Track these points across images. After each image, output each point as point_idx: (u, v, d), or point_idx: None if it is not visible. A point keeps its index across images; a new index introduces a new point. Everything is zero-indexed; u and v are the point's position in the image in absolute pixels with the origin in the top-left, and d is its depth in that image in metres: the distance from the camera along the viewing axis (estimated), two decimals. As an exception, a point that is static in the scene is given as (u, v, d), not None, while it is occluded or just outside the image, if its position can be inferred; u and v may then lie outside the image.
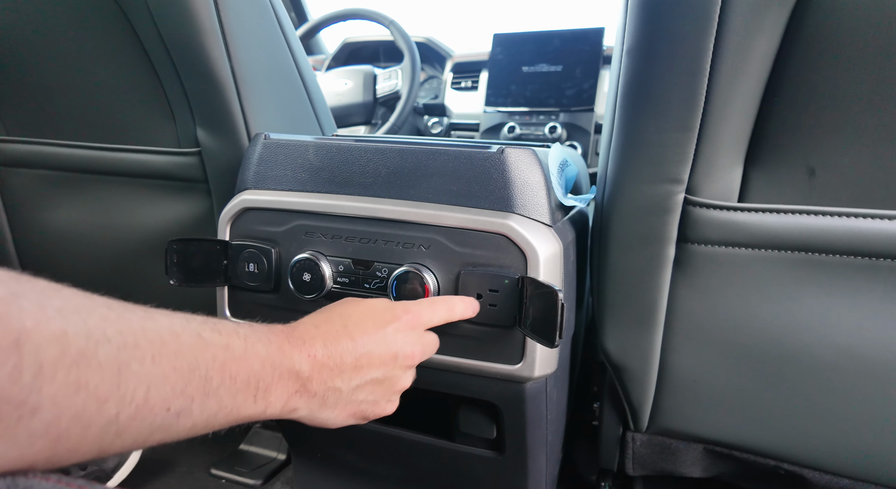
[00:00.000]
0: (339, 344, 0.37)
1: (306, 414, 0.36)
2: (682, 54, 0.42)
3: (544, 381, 0.50)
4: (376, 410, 0.41)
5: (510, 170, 0.46)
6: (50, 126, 0.76)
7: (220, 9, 0.59)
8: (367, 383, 0.38)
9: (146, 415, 0.24)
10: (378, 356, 0.38)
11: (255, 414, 0.32)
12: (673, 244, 0.52)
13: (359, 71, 1.37)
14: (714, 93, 0.43)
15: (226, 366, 0.29)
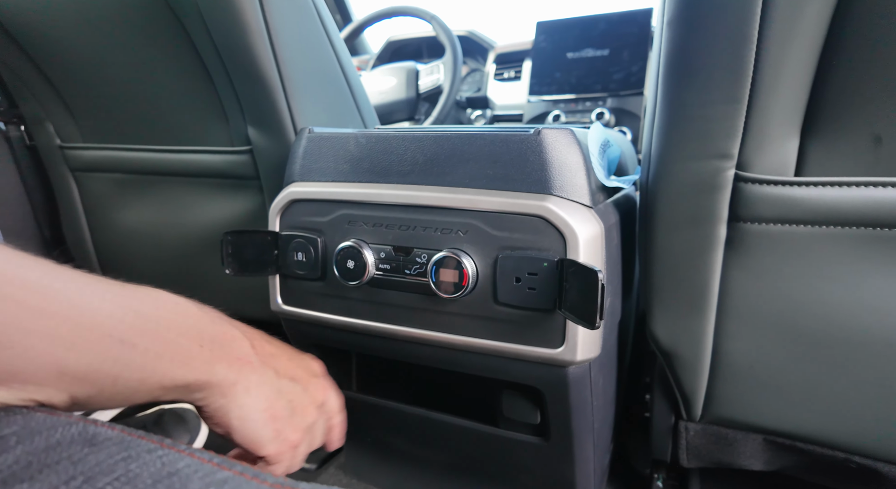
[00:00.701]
0: (273, 343, 0.40)
1: (240, 398, 0.34)
2: (726, 21, 0.40)
3: (587, 366, 0.50)
4: (288, 429, 0.38)
5: (547, 151, 0.46)
6: (119, 132, 0.82)
7: (265, 10, 0.61)
8: (292, 386, 0.39)
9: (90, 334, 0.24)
10: (301, 370, 0.41)
11: (200, 373, 0.31)
12: (724, 223, 0.49)
13: (401, 68, 1.39)
14: (764, 60, 0.41)
15: (161, 310, 0.29)
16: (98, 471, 0.17)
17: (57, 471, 0.17)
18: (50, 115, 0.86)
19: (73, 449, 0.19)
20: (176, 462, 0.18)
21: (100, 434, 0.20)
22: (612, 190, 0.56)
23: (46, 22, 0.71)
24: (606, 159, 0.56)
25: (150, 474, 0.18)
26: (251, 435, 0.35)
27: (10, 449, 0.19)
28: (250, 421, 0.34)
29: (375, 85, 1.40)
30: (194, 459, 0.19)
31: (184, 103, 0.73)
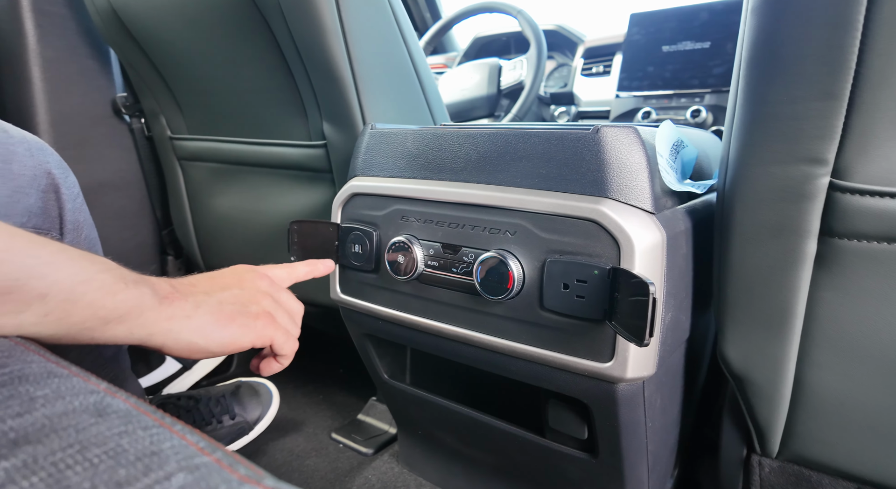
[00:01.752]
0: (191, 277, 0.42)
1: (185, 324, 0.36)
2: (823, 3, 0.35)
3: (640, 385, 0.46)
4: (248, 317, 0.40)
5: (606, 150, 0.43)
6: (216, 125, 0.90)
7: (341, 10, 0.64)
8: (228, 292, 0.41)
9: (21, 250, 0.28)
10: (229, 275, 0.43)
11: (132, 299, 0.33)
12: (814, 237, 0.43)
13: (484, 64, 1.38)
14: (871, 49, 0.35)
15: (83, 254, 0.32)
16: (93, 441, 0.19)
17: (60, 437, 0.19)
18: (163, 109, 0.97)
19: (82, 417, 0.20)
20: (163, 441, 0.19)
21: (112, 405, 0.22)
22: (685, 195, 0.51)
23: (160, 25, 0.80)
24: (680, 161, 0.51)
25: (135, 451, 0.19)
26: (221, 341, 0.38)
27: (36, 410, 0.21)
28: (211, 333, 0.37)
29: (457, 82, 1.41)
30: (182, 441, 0.20)
31: (269, 99, 0.78)
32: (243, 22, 0.70)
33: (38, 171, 0.45)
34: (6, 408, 0.21)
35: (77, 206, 0.51)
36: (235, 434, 0.85)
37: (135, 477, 0.17)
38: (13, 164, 0.43)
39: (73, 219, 0.50)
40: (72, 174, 0.52)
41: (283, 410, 0.97)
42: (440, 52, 1.87)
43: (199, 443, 0.20)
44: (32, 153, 0.45)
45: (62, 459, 0.18)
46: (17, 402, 0.20)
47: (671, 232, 0.44)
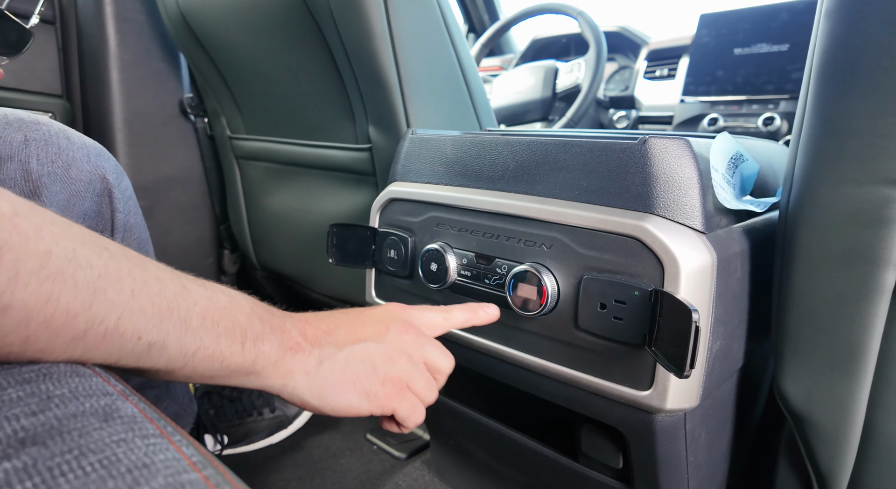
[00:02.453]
0: (332, 318, 0.38)
1: (303, 381, 0.34)
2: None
3: (682, 417, 0.42)
4: (374, 383, 0.37)
5: (653, 163, 0.40)
6: (271, 126, 0.93)
7: (389, 14, 0.64)
8: (361, 346, 0.37)
9: (116, 339, 0.25)
10: (373, 321, 0.38)
11: (245, 363, 0.31)
12: (891, 267, 0.38)
13: (540, 67, 1.35)
14: (968, 55, 0.30)
15: (207, 312, 0.29)
16: (92, 448, 0.19)
17: (63, 441, 0.19)
18: (224, 110, 1.01)
19: (87, 421, 0.21)
20: (157, 453, 0.19)
21: (120, 410, 0.22)
22: (742, 212, 0.47)
23: (223, 30, 0.83)
24: (739, 176, 0.47)
25: (128, 461, 0.19)
26: (336, 406, 0.35)
27: (49, 410, 0.22)
28: (328, 396, 0.35)
29: (511, 85, 1.38)
30: (176, 454, 0.20)
31: (319, 102, 0.80)
32: (297, 27, 0.72)
33: (93, 176, 0.48)
34: (24, 406, 0.21)
35: (130, 208, 0.54)
36: (275, 427, 0.88)
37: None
38: (72, 169, 0.46)
39: (124, 221, 0.52)
40: (126, 178, 0.55)
41: (322, 407, 0.99)
42: (497, 54, 1.85)
43: (192, 457, 0.19)
44: (90, 159, 0.48)
45: (58, 465, 0.19)
46: (35, 401, 0.21)
47: (723, 254, 0.41)
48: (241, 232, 1.12)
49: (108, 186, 0.49)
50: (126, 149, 1.02)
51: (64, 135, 0.47)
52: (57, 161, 0.44)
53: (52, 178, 0.43)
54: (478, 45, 1.50)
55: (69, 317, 0.22)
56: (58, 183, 0.44)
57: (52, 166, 0.44)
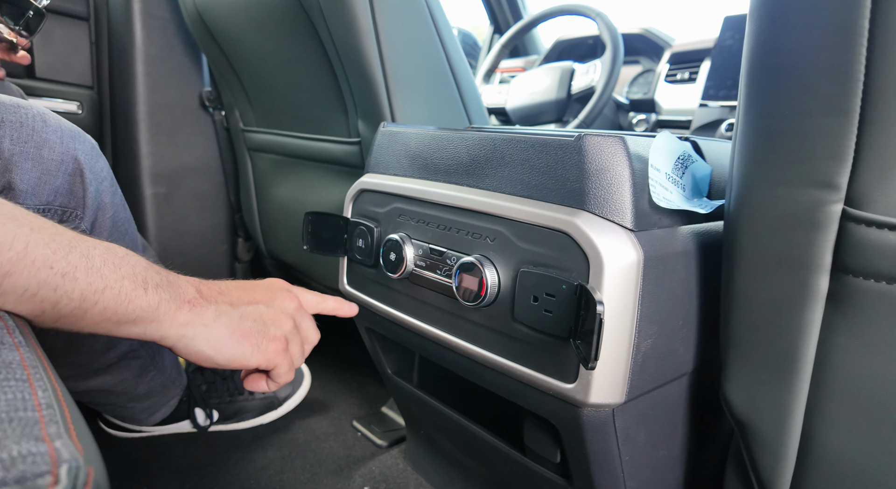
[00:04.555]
0: (224, 284, 0.42)
1: (201, 332, 0.37)
2: (824, 7, 0.30)
3: (610, 413, 0.43)
4: (264, 338, 0.40)
5: (587, 160, 0.41)
6: (277, 120, 0.97)
7: (375, 11, 0.66)
8: (253, 308, 0.41)
9: (28, 265, 0.28)
10: (262, 289, 0.44)
11: (149, 308, 0.34)
12: (825, 273, 0.37)
13: (556, 68, 1.35)
14: (880, 60, 0.30)
15: (107, 256, 0.32)
16: None
17: None
18: (237, 103, 1.06)
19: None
20: (18, 391, 0.22)
21: (4, 357, 0.25)
22: (696, 214, 0.46)
23: (232, 27, 0.88)
24: (691, 177, 0.46)
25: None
26: (230, 356, 0.38)
27: None
28: (223, 346, 0.38)
29: (528, 85, 1.38)
30: (30, 395, 0.22)
31: (317, 97, 0.83)
32: (294, 23, 0.75)
33: (66, 156, 0.52)
34: None
35: (103, 188, 0.58)
36: (264, 408, 0.92)
37: None
38: (44, 149, 0.50)
39: (96, 200, 0.57)
40: (102, 160, 0.59)
41: (315, 392, 1.03)
42: (522, 55, 1.85)
43: (41, 397, 0.22)
44: (63, 140, 0.52)
45: None
46: None
47: (657, 252, 0.41)
48: (252, 221, 1.17)
49: (79, 167, 0.54)
50: (148, 138, 1.09)
51: (41, 118, 0.51)
52: (30, 141, 0.48)
53: (24, 156, 0.48)
54: (497, 46, 1.51)
55: None
56: (29, 161, 0.48)
57: (25, 146, 0.48)
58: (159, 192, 1.11)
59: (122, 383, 0.72)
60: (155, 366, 0.73)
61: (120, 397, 0.74)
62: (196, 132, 1.15)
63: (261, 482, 0.78)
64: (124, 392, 0.73)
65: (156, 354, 0.72)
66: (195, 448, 0.85)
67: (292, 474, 0.80)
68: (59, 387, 0.25)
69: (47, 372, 0.25)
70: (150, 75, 1.07)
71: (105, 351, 0.66)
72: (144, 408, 0.79)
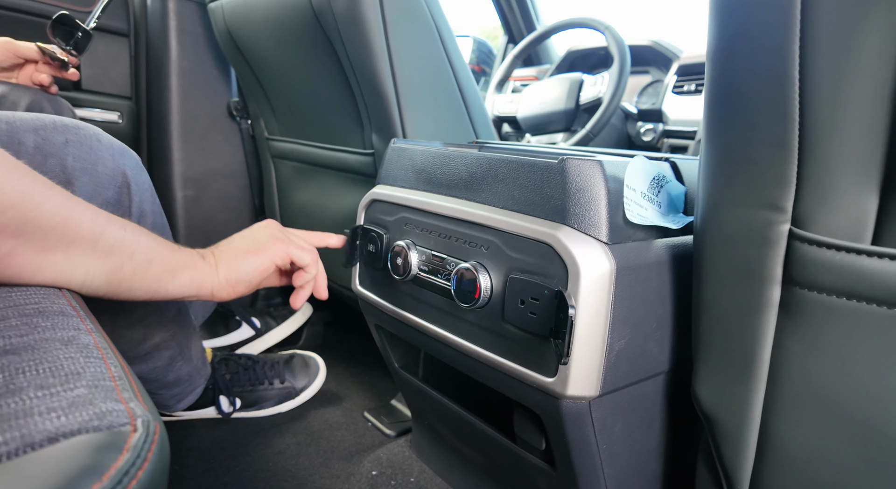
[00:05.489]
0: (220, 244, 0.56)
1: (222, 273, 0.51)
2: (764, 55, 0.35)
3: (586, 405, 0.48)
4: (261, 247, 0.55)
5: (568, 181, 0.46)
6: (298, 129, 1.04)
7: (388, 33, 0.72)
8: (239, 239, 0.56)
9: (115, 228, 0.41)
10: (244, 232, 0.57)
11: (182, 258, 0.48)
12: (777, 284, 0.42)
13: (566, 78, 1.39)
14: (812, 102, 0.35)
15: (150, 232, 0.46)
16: (48, 359, 0.28)
17: (32, 353, 0.28)
18: (262, 113, 1.14)
19: (55, 344, 0.30)
20: (90, 367, 0.28)
21: (79, 340, 0.31)
22: (658, 228, 0.51)
23: (258, 44, 0.95)
24: (666, 195, 0.52)
25: (68, 369, 0.27)
26: (249, 271, 0.54)
27: (32, 334, 0.31)
28: (241, 271, 0.53)
29: (538, 95, 1.43)
30: (105, 370, 0.29)
31: (335, 110, 0.90)
32: (314, 43, 0.82)
33: (116, 171, 0.60)
34: (17, 329, 0.31)
35: (145, 198, 0.66)
36: (283, 397, 0.99)
37: (53, 384, 0.26)
38: (98, 165, 0.58)
39: (139, 208, 0.64)
40: (144, 173, 0.66)
41: (329, 384, 1.09)
42: (535, 64, 1.90)
43: (114, 371, 0.28)
44: (114, 157, 0.60)
45: (22, 367, 0.28)
46: (27, 328, 0.31)
47: (629, 263, 0.46)
48: (274, 222, 1.24)
49: (126, 180, 0.61)
50: (180, 144, 1.17)
51: (96, 138, 0.58)
52: (88, 158, 0.56)
53: (83, 172, 0.55)
54: (510, 57, 1.56)
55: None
56: (87, 175, 0.56)
57: (84, 163, 0.55)
58: (189, 194, 1.19)
59: (154, 371, 0.79)
60: (183, 357, 0.80)
61: (152, 384, 0.82)
62: (224, 139, 1.23)
63: (278, 465, 0.85)
64: (156, 379, 0.81)
65: (184, 347, 0.80)
66: (220, 432, 0.92)
67: (307, 459, 0.87)
68: (125, 364, 0.31)
69: (114, 352, 0.32)
70: (182, 86, 1.15)
71: (141, 341, 0.74)
72: (173, 395, 0.87)
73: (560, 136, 1.41)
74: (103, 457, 0.22)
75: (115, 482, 0.21)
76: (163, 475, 0.24)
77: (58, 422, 0.23)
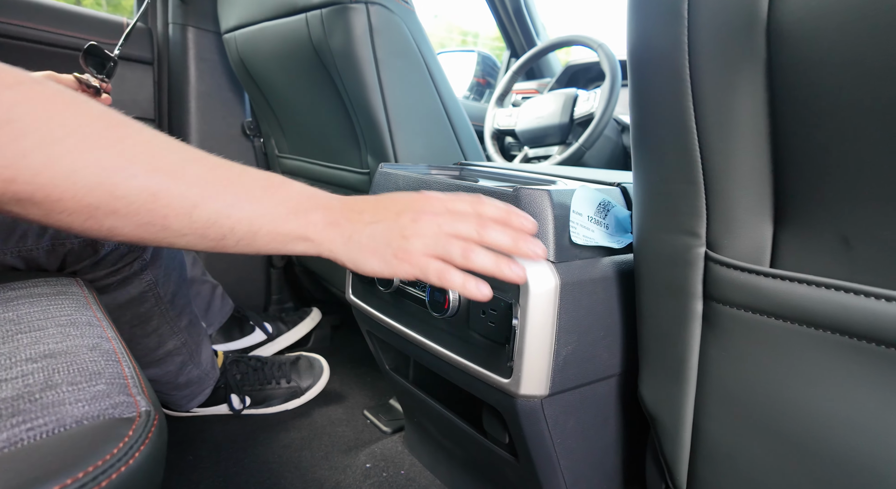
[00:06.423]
0: (365, 201, 0.47)
1: (341, 247, 0.43)
2: (667, 110, 0.42)
3: (539, 403, 0.55)
4: (400, 258, 0.44)
5: (521, 207, 0.53)
6: (305, 149, 1.13)
7: (380, 70, 0.80)
8: (381, 222, 0.44)
9: (210, 199, 0.36)
10: (394, 204, 0.46)
11: (298, 229, 0.41)
12: (699, 299, 0.48)
13: (561, 94, 1.45)
14: (709, 149, 0.41)
15: (266, 188, 0.40)
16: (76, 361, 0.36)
17: (66, 357, 0.37)
18: (272, 132, 1.23)
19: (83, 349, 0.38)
20: (109, 367, 0.36)
21: (102, 346, 0.39)
22: (601, 248, 0.57)
23: (267, 71, 1.04)
24: (614, 218, 0.58)
25: (90, 370, 0.35)
26: (365, 268, 0.45)
27: (66, 340, 0.39)
28: (359, 260, 0.44)
29: (535, 110, 1.49)
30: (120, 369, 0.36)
31: (335, 133, 0.98)
32: (316, 75, 0.90)
33: None
34: (54, 337, 0.39)
35: None
36: (289, 396, 1.07)
37: (80, 381, 0.34)
38: None
39: None
40: None
41: (334, 383, 1.17)
42: (537, 77, 1.96)
43: (127, 372, 0.36)
44: None
45: (58, 367, 0.36)
46: (61, 336, 0.39)
47: (574, 279, 0.53)
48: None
49: None
50: (198, 161, 1.26)
51: None
52: None
53: None
54: (509, 73, 1.63)
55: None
56: None
57: None
58: (206, 207, 1.29)
59: (166, 375, 0.88)
60: (193, 362, 0.89)
61: (164, 386, 0.90)
62: (239, 156, 1.32)
63: (283, 457, 0.94)
64: (168, 382, 0.89)
65: (194, 353, 0.88)
66: (231, 427, 1.01)
67: (310, 452, 0.95)
68: (137, 366, 0.39)
69: (129, 356, 0.40)
70: (200, 108, 1.25)
71: (155, 348, 0.82)
72: (184, 396, 0.95)
73: (556, 149, 1.48)
74: (115, 435, 0.30)
75: (122, 453, 0.29)
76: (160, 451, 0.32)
77: (83, 410, 0.31)
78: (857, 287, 0.38)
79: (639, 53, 0.43)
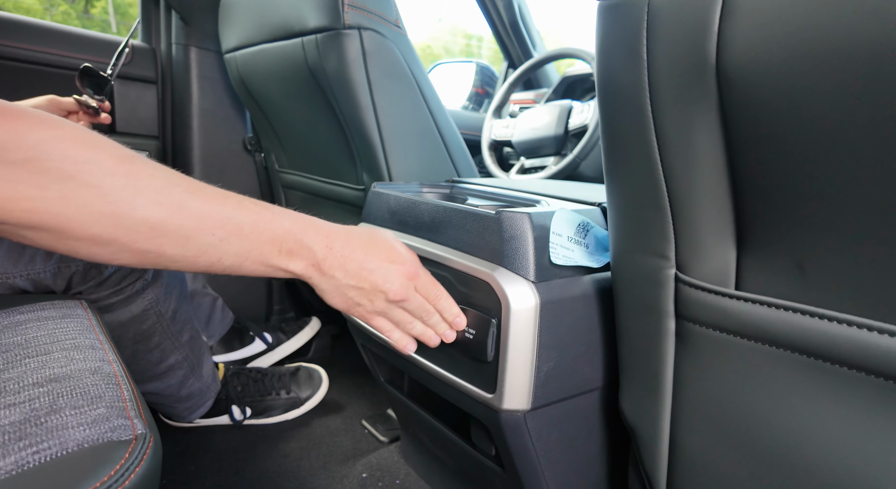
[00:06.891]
0: (354, 251, 0.50)
1: (320, 284, 0.50)
2: (633, 141, 0.44)
3: (522, 417, 0.57)
4: (361, 311, 0.53)
5: (503, 230, 0.55)
6: (303, 164, 1.16)
7: (373, 91, 0.83)
8: (357, 288, 0.51)
9: (202, 232, 0.39)
10: (373, 277, 0.51)
11: (282, 265, 0.45)
12: (672, 318, 0.51)
13: (556, 105, 1.48)
14: (673, 178, 0.43)
15: (255, 224, 0.42)
16: (78, 385, 0.39)
17: (70, 381, 0.39)
18: (273, 148, 1.26)
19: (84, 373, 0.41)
20: (109, 391, 0.39)
21: (104, 369, 0.42)
22: (581, 268, 0.59)
23: (266, 90, 1.07)
24: (593, 238, 0.60)
25: (91, 393, 0.38)
26: (329, 301, 0.52)
27: (70, 365, 0.42)
28: (333, 301, 0.52)
29: (531, 121, 1.52)
30: (119, 394, 0.39)
31: (332, 150, 1.01)
32: (312, 95, 0.93)
33: None
34: (59, 361, 0.42)
35: None
36: (289, 406, 1.09)
37: (82, 405, 0.36)
38: None
39: None
40: None
41: (333, 393, 1.20)
42: (535, 87, 1.99)
43: (126, 395, 0.39)
44: None
45: (62, 392, 0.38)
46: (66, 360, 0.42)
47: (554, 298, 0.55)
48: (285, 245, 1.36)
49: None
50: (201, 176, 1.29)
51: None
52: None
53: None
54: (506, 85, 1.65)
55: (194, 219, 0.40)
56: None
57: None
58: (209, 221, 1.32)
59: (168, 388, 0.90)
60: (194, 375, 0.91)
61: (167, 399, 0.93)
62: (241, 171, 1.35)
63: (282, 467, 0.96)
64: (170, 395, 0.92)
65: (195, 367, 0.91)
66: (232, 437, 1.04)
67: (308, 461, 0.97)
68: (136, 389, 0.42)
69: (128, 379, 0.42)
70: (203, 125, 1.28)
71: (158, 363, 0.85)
72: (186, 408, 0.98)
73: (552, 160, 1.50)
74: (113, 458, 0.33)
75: (119, 475, 0.32)
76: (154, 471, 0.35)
77: (84, 434, 0.34)
78: (812, 309, 0.40)
79: (606, 88, 0.46)
